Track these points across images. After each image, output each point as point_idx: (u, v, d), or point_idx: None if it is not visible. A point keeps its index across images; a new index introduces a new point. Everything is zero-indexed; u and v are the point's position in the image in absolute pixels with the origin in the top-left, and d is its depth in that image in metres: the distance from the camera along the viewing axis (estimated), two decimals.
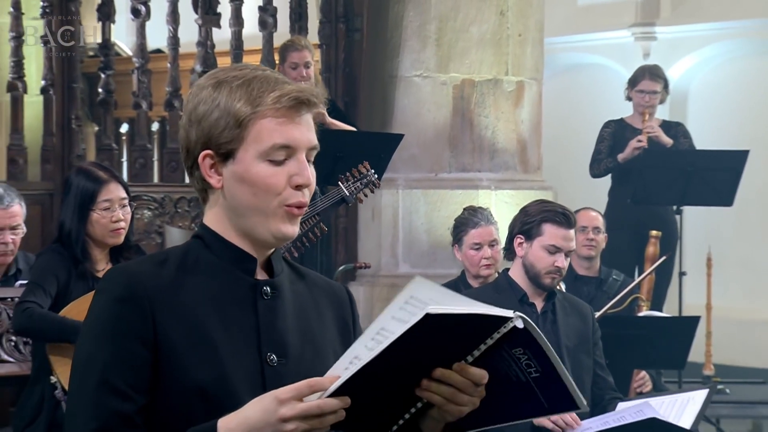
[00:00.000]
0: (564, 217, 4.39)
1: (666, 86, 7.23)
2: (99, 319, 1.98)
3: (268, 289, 2.04)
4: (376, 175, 5.31)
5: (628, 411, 4.21)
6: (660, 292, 6.71)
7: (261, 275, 2.05)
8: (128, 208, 4.39)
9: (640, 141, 7.01)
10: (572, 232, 4.41)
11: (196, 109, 2.02)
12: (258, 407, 1.86)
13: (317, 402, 1.82)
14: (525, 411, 1.95)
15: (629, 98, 7.24)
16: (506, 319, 1.84)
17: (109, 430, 1.93)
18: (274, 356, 2.01)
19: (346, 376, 1.81)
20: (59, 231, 4.40)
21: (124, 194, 4.38)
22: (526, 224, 4.42)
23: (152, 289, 1.97)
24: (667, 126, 7.27)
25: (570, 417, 4.20)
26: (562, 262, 4.38)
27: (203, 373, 1.95)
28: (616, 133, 7.19)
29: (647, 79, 7.16)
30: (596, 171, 7.21)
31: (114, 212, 4.34)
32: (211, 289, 2.01)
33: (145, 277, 1.98)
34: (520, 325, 1.84)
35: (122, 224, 4.36)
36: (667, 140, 7.10)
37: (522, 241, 4.42)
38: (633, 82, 7.21)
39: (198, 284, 2.01)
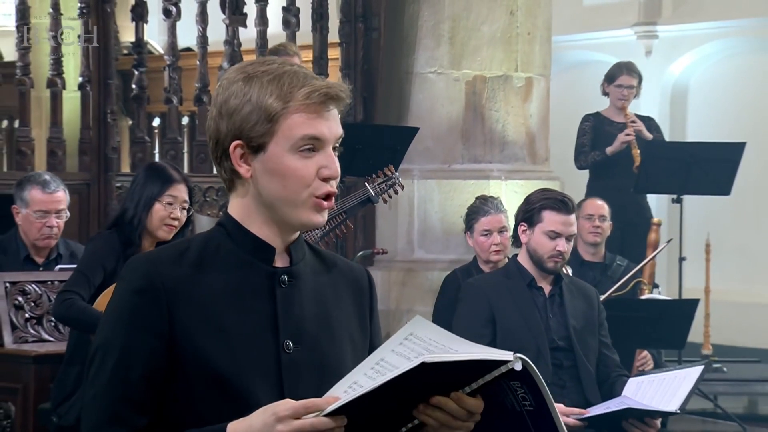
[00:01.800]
0: (562, 204, 4.37)
1: (640, 81, 7.23)
2: (117, 308, 1.96)
3: (286, 277, 2.00)
4: (400, 178, 5.31)
5: (612, 402, 4.23)
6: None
7: (282, 262, 2.02)
8: (186, 212, 4.42)
9: (628, 135, 7.00)
10: (571, 217, 4.39)
11: (227, 103, 1.98)
12: (260, 419, 1.84)
13: (311, 421, 1.81)
14: None
15: (605, 93, 7.23)
16: (506, 362, 1.81)
17: (114, 413, 1.92)
18: (290, 343, 1.97)
19: (343, 400, 1.80)
20: (120, 215, 4.41)
21: (187, 197, 4.41)
22: (528, 212, 4.42)
23: (170, 279, 1.95)
24: (639, 120, 7.24)
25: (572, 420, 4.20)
26: (563, 246, 4.35)
27: (219, 362, 1.93)
28: (595, 126, 7.19)
29: (625, 75, 7.16)
30: (583, 163, 7.18)
31: (174, 210, 4.37)
32: (230, 279, 1.98)
33: (164, 268, 1.96)
34: (518, 368, 1.81)
35: (176, 223, 4.39)
36: (648, 135, 7.09)
37: (525, 228, 4.42)
38: (610, 78, 7.20)
39: (217, 274, 1.98)
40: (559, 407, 4.16)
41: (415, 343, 1.84)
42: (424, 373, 1.78)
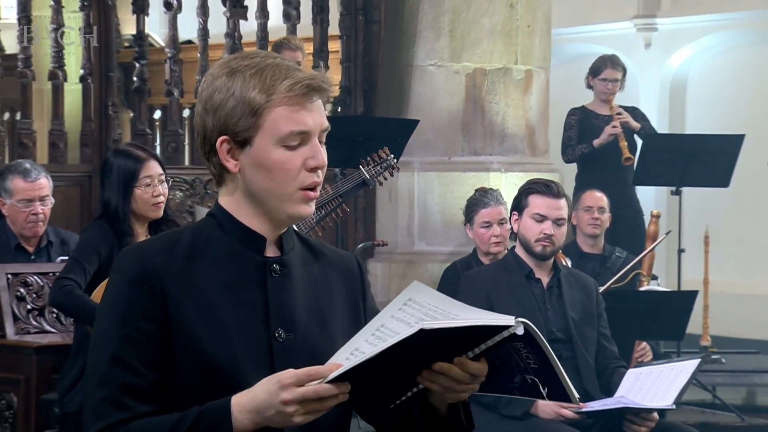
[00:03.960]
0: (546, 187, 4.38)
1: (625, 74, 7.21)
2: (112, 299, 1.98)
3: (277, 266, 2.02)
4: (395, 160, 5.31)
5: (609, 400, 4.25)
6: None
7: (272, 252, 2.03)
8: (165, 184, 4.41)
9: (615, 127, 6.98)
10: (559, 201, 4.36)
11: (211, 98, 1.99)
12: (264, 388, 1.86)
13: (314, 387, 1.82)
14: (523, 391, 1.95)
15: (590, 86, 7.21)
16: (508, 326, 1.81)
17: (115, 400, 1.93)
18: (281, 331, 1.99)
19: (345, 367, 1.81)
20: (105, 209, 4.41)
21: (161, 170, 4.41)
22: (516, 200, 4.44)
23: (163, 268, 1.96)
24: (624, 110, 7.22)
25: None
26: (550, 229, 4.33)
27: (213, 349, 1.94)
28: (581, 120, 7.17)
29: (609, 69, 7.13)
30: (570, 156, 7.16)
31: (155, 188, 4.36)
32: (222, 268, 1.99)
33: (156, 257, 1.97)
34: (520, 332, 1.82)
35: (162, 198, 4.39)
36: (635, 125, 7.09)
37: (516, 217, 4.43)
38: (595, 72, 7.17)
39: (209, 264, 1.99)
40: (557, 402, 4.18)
41: (414, 308, 1.85)
42: (425, 338, 1.78)
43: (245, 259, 2.00)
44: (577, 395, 1.93)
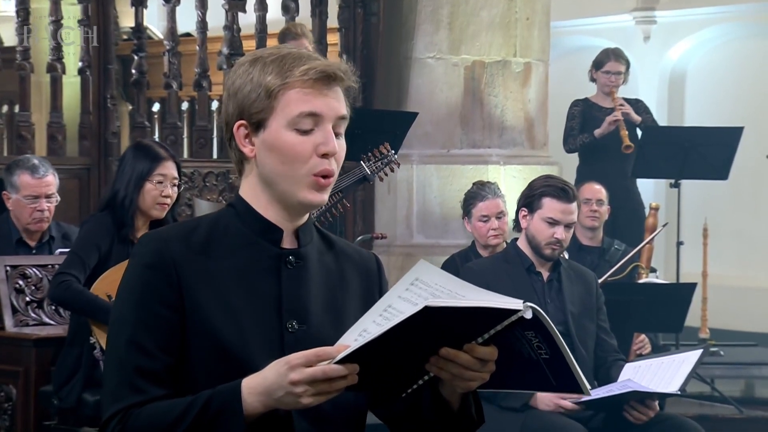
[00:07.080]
0: (563, 192, 4.36)
1: (628, 67, 7.21)
2: (130, 283, 2.00)
3: (293, 258, 2.03)
4: (396, 156, 5.30)
5: (615, 385, 4.24)
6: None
7: (289, 244, 2.04)
8: (177, 189, 4.41)
9: (616, 118, 6.98)
10: (572, 205, 4.37)
11: (233, 84, 2.03)
12: (273, 370, 1.87)
13: (322, 368, 1.83)
14: (533, 384, 1.94)
15: (593, 79, 7.21)
16: (516, 311, 1.79)
17: (131, 383, 1.95)
18: (294, 322, 2.00)
19: (353, 347, 1.81)
20: (112, 197, 4.41)
21: (176, 174, 4.41)
22: (529, 198, 4.42)
23: (180, 255, 1.98)
24: (628, 104, 7.22)
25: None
26: (561, 234, 4.35)
27: (226, 336, 1.96)
28: (584, 111, 7.17)
29: (613, 61, 7.13)
30: (572, 146, 7.16)
31: (165, 188, 4.37)
32: (237, 258, 2.01)
33: (173, 244, 1.99)
34: (528, 316, 1.80)
35: (168, 200, 4.39)
36: (636, 117, 7.08)
37: (525, 213, 4.42)
38: (599, 65, 7.17)
39: (225, 253, 2.01)
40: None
41: (421, 288, 1.85)
42: (433, 319, 1.77)
43: (261, 250, 2.02)
44: (588, 386, 1.90)
